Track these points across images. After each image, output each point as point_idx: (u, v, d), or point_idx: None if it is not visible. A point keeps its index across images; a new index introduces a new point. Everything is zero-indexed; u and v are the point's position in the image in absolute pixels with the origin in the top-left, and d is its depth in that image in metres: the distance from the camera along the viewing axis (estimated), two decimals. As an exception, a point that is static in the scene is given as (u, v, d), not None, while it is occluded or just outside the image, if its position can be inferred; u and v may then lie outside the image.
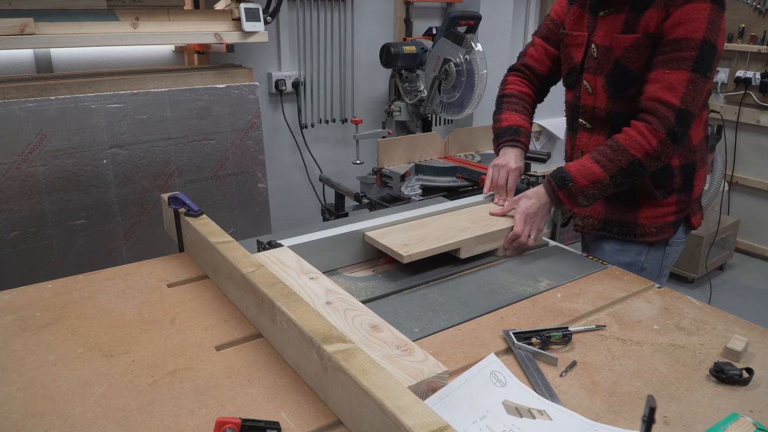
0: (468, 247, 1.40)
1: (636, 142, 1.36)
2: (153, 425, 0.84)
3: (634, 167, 1.37)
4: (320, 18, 2.89)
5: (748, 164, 4.07)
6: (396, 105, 2.90)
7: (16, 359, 0.98)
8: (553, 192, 1.44)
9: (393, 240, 1.36)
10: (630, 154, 1.36)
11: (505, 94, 1.73)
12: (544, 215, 1.47)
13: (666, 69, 1.34)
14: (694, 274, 3.66)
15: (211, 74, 2.32)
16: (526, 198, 1.48)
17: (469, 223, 1.48)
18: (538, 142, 4.06)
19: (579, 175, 1.40)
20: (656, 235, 1.53)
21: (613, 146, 1.38)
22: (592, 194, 1.41)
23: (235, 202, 2.44)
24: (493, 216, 1.52)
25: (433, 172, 2.32)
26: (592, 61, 1.51)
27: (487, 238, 1.43)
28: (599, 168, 1.38)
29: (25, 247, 2.00)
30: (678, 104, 1.33)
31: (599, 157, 1.39)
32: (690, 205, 1.55)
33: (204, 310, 1.15)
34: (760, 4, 3.74)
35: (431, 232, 1.42)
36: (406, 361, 0.90)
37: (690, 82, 1.33)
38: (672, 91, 1.33)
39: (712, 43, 1.32)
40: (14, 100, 1.89)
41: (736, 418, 0.86)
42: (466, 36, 2.45)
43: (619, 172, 1.37)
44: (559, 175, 1.44)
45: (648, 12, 1.36)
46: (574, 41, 1.57)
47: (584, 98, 1.56)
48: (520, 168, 1.61)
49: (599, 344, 1.09)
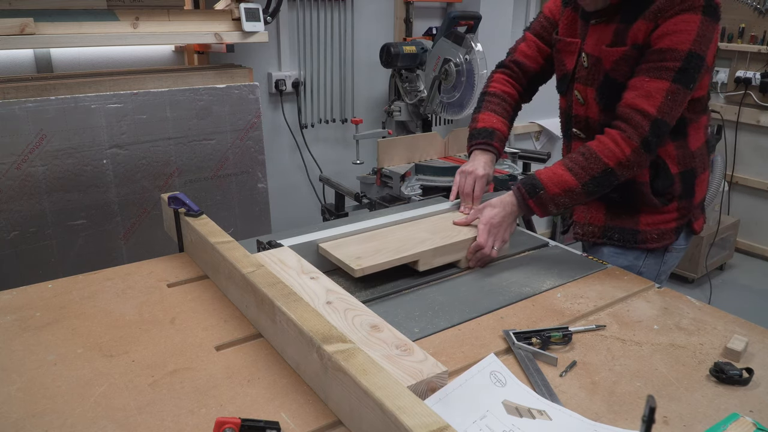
0: (426, 259, 1.32)
1: (609, 151, 1.32)
2: (153, 425, 0.84)
3: (606, 176, 1.33)
4: (320, 18, 2.89)
5: (748, 164, 4.07)
6: (396, 105, 2.90)
7: (16, 359, 0.98)
8: (523, 199, 1.39)
9: (346, 252, 1.30)
10: (603, 163, 1.33)
11: (488, 92, 1.67)
12: (509, 225, 1.41)
13: (647, 77, 1.31)
14: (694, 274, 3.66)
15: (211, 74, 2.32)
16: (490, 207, 1.41)
17: (430, 234, 1.40)
18: (538, 142, 4.06)
19: (550, 182, 1.36)
20: (657, 242, 1.51)
21: (586, 154, 1.35)
22: (563, 202, 1.37)
23: (235, 202, 2.44)
24: (456, 226, 1.45)
25: (433, 172, 2.32)
26: (583, 71, 1.48)
27: (447, 249, 1.36)
28: (571, 176, 1.34)
29: (25, 247, 2.00)
30: (654, 114, 1.30)
31: (571, 165, 1.35)
32: (692, 210, 1.53)
33: (204, 310, 1.15)
34: (760, 4, 3.74)
35: (388, 244, 1.35)
36: (406, 361, 0.90)
37: (670, 92, 1.29)
38: (650, 100, 1.30)
39: (699, 55, 1.28)
40: (14, 100, 1.89)
41: (736, 418, 0.86)
42: (466, 36, 2.45)
43: (591, 181, 1.34)
44: (529, 182, 1.38)
45: (636, 23, 1.33)
46: (566, 48, 1.53)
47: (576, 108, 1.53)
48: (488, 175, 1.55)
49: (599, 344, 1.09)
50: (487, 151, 1.58)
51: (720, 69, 4.00)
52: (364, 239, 1.39)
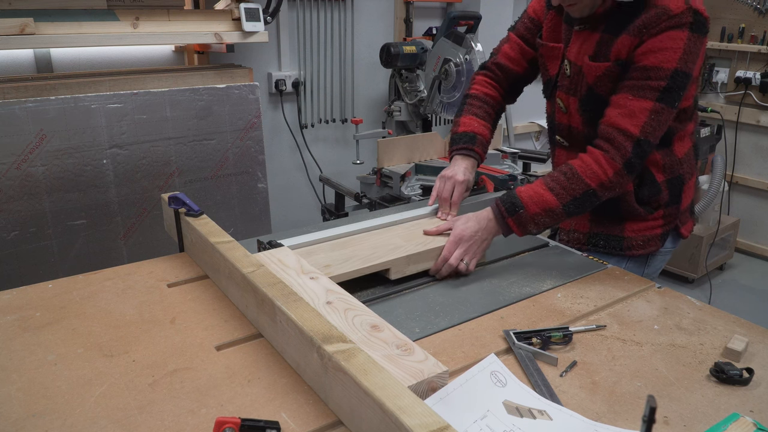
0: (399, 267, 1.28)
1: (592, 172, 1.30)
2: (153, 425, 0.84)
3: (588, 197, 1.31)
4: (320, 18, 2.89)
5: (748, 164, 4.07)
6: (396, 105, 2.90)
7: (16, 359, 0.98)
8: (502, 218, 1.33)
9: (315, 260, 1.26)
10: (585, 184, 1.30)
11: (470, 95, 1.63)
12: (482, 241, 1.34)
13: (630, 95, 1.28)
14: (694, 274, 3.66)
15: (211, 74, 2.32)
16: (464, 219, 1.36)
17: (404, 241, 1.36)
18: (537, 143, 4.07)
19: (531, 201, 1.31)
20: (643, 248, 1.50)
21: (568, 174, 1.32)
22: (543, 222, 1.34)
23: (235, 202, 2.44)
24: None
25: (433, 172, 2.32)
26: (565, 80, 1.45)
27: (421, 257, 1.31)
28: (552, 196, 1.31)
29: (25, 247, 2.00)
30: (637, 134, 1.27)
31: (553, 185, 1.32)
32: (679, 216, 1.52)
33: (204, 310, 1.15)
34: (760, 4, 3.74)
35: (359, 251, 1.30)
36: (407, 360, 0.90)
37: (654, 111, 1.27)
38: (633, 119, 1.27)
39: (685, 72, 1.26)
40: (14, 100, 1.89)
41: (736, 418, 0.86)
42: (466, 36, 2.45)
43: (572, 201, 1.31)
44: (509, 201, 1.33)
45: (621, 38, 1.29)
46: (549, 53, 1.50)
47: (559, 116, 1.51)
48: (467, 181, 1.51)
49: (599, 344, 1.09)
50: (469, 156, 1.55)
51: (720, 69, 4.00)
52: (336, 246, 1.35)
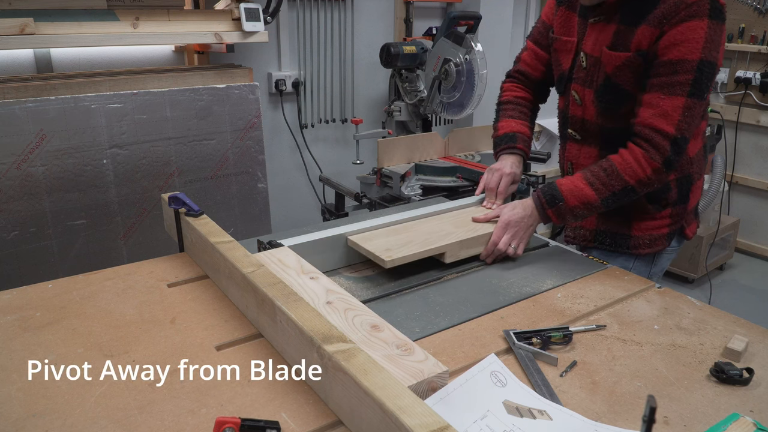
0: (453, 252, 1.37)
1: (631, 169, 1.34)
2: (153, 425, 0.84)
3: (627, 192, 1.36)
4: (320, 18, 2.89)
5: (748, 164, 4.07)
6: (396, 105, 2.90)
7: (16, 359, 0.98)
8: (542, 208, 1.42)
9: (376, 245, 1.33)
10: (624, 180, 1.35)
11: (502, 101, 1.73)
12: (528, 226, 1.43)
13: (662, 94, 1.31)
14: (694, 274, 3.66)
15: (211, 74, 2.32)
16: (511, 206, 1.45)
17: (454, 227, 1.44)
18: (538, 143, 4.06)
19: (570, 195, 1.39)
20: (649, 247, 1.51)
21: (608, 170, 1.36)
22: (581, 214, 1.40)
23: (235, 202, 2.44)
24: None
25: (433, 172, 2.32)
26: (581, 72, 1.47)
27: (472, 242, 1.40)
28: (592, 191, 1.37)
29: (25, 247, 2.00)
30: (674, 133, 1.30)
31: (593, 180, 1.37)
32: (685, 216, 1.53)
33: (204, 310, 1.15)
34: (760, 4, 3.74)
35: (415, 237, 1.39)
36: (407, 360, 0.90)
37: (686, 108, 1.29)
38: (667, 119, 1.30)
39: (710, 62, 1.28)
40: (14, 100, 1.89)
41: (736, 418, 0.86)
42: (466, 36, 2.45)
43: (611, 196, 1.37)
44: (549, 192, 1.41)
45: (641, 29, 1.31)
46: (563, 47, 1.53)
47: (573, 109, 1.53)
48: (514, 173, 1.59)
49: (599, 344, 1.09)
50: (513, 153, 1.63)
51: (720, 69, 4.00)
52: (391, 232, 1.42)
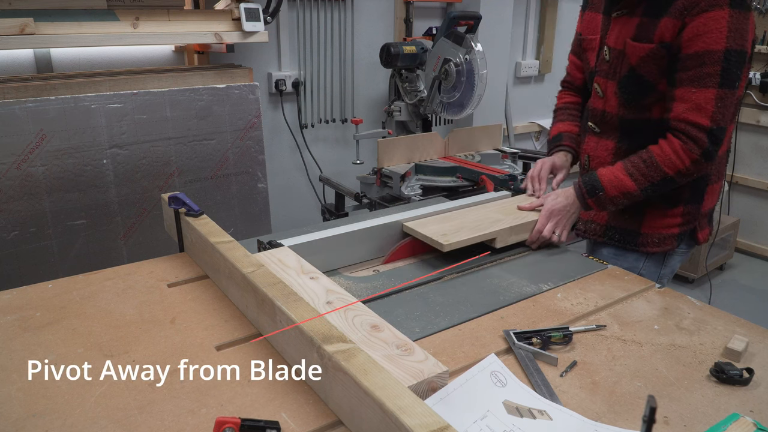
0: (503, 237, 1.45)
1: (670, 161, 1.36)
2: (153, 425, 0.84)
3: (666, 182, 1.39)
4: (320, 18, 2.89)
5: (748, 164, 4.07)
6: (396, 105, 2.90)
7: (16, 359, 0.98)
8: (583, 198, 1.47)
9: (432, 230, 1.42)
10: (663, 172, 1.38)
11: (554, 110, 1.83)
12: (571, 215, 1.50)
13: (692, 87, 1.32)
14: (694, 274, 3.66)
15: (211, 74, 2.32)
16: (554, 195, 1.52)
17: (502, 215, 1.53)
18: (538, 143, 4.07)
19: (610, 185, 1.43)
20: (657, 246, 1.52)
21: (648, 161, 1.39)
22: (621, 203, 1.45)
23: (235, 202, 2.44)
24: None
25: (433, 172, 2.32)
26: (604, 64, 1.50)
27: (520, 228, 1.48)
28: (631, 181, 1.41)
29: (25, 247, 1.99)
30: (709, 125, 1.32)
31: (632, 170, 1.41)
32: (698, 218, 1.53)
33: (204, 310, 1.15)
34: (760, 4, 3.74)
35: (467, 223, 1.47)
36: (407, 360, 0.90)
37: (718, 98, 1.31)
38: (701, 112, 1.32)
39: (736, 50, 1.28)
40: (14, 100, 1.89)
41: (736, 418, 0.86)
42: (466, 36, 2.45)
43: (650, 186, 1.40)
44: (590, 183, 1.46)
45: (663, 21, 1.33)
46: (589, 45, 1.58)
47: (594, 101, 1.55)
48: (553, 162, 1.68)
49: (599, 344, 1.09)
50: (560, 150, 1.73)
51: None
52: (441, 219, 1.51)
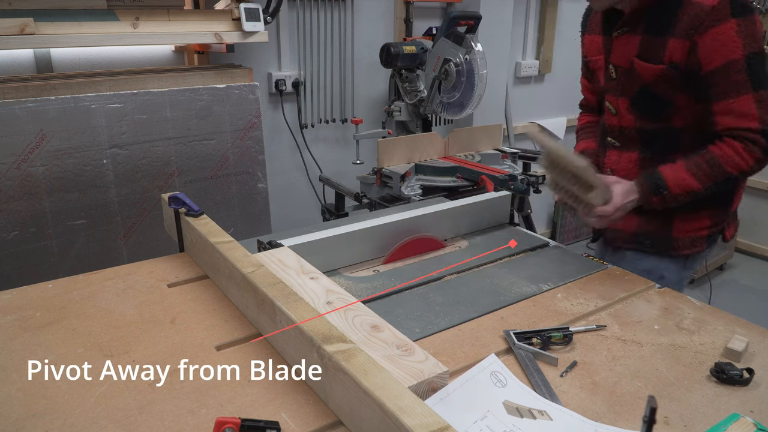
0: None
1: (733, 161, 1.36)
2: (153, 425, 0.84)
3: (728, 181, 1.40)
4: (320, 18, 2.89)
5: (748, 164, 4.06)
6: (396, 105, 2.90)
7: (16, 359, 0.98)
8: (647, 195, 1.45)
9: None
10: (726, 172, 1.37)
11: (576, 131, 1.84)
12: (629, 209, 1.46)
13: (729, 99, 1.33)
14: (694, 274, 3.66)
15: (211, 74, 2.31)
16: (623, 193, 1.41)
17: None
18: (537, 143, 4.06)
19: (674, 185, 1.41)
20: (689, 249, 1.52)
21: (711, 161, 1.38)
22: (683, 200, 1.43)
23: (235, 202, 2.44)
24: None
25: (433, 172, 2.32)
26: (611, 82, 1.52)
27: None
28: (695, 181, 1.40)
29: (25, 247, 1.99)
30: (759, 126, 1.33)
31: (696, 170, 1.40)
32: (726, 219, 1.54)
33: (204, 310, 1.15)
34: (760, 4, 3.74)
35: None
36: (407, 361, 0.90)
37: (758, 101, 1.31)
38: (747, 117, 1.33)
39: (755, 52, 1.29)
40: (14, 100, 1.89)
41: (736, 419, 0.86)
42: (466, 36, 2.45)
43: (713, 185, 1.40)
44: (653, 182, 1.43)
45: (670, 42, 1.34)
46: (596, 65, 1.60)
47: (609, 118, 1.57)
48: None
49: (600, 344, 1.09)
50: None
51: None
52: None
